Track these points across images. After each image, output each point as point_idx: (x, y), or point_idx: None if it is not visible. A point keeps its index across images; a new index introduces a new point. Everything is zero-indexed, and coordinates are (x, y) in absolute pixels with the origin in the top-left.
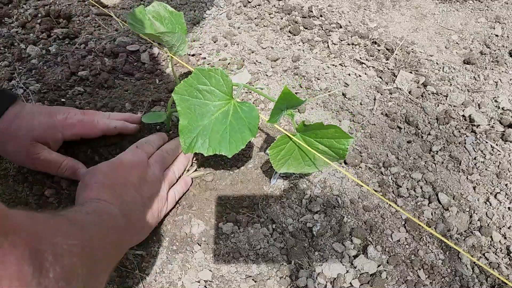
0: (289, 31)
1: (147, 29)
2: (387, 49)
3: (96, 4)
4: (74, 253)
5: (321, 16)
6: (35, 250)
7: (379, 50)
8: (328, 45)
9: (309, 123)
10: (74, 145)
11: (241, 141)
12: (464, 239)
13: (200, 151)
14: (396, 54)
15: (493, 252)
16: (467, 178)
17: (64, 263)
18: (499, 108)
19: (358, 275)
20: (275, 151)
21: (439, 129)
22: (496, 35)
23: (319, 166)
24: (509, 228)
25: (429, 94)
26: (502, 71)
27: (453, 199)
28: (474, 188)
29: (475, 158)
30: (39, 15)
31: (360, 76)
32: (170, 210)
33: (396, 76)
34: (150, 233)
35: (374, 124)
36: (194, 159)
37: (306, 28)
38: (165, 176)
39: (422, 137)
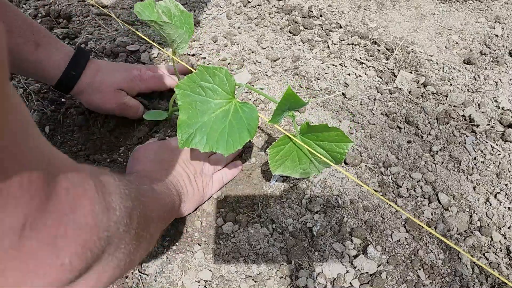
0: (289, 31)
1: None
2: (387, 49)
3: (96, 4)
4: (132, 198)
5: (321, 16)
6: (102, 192)
7: (379, 50)
8: (328, 45)
9: (313, 124)
10: None
11: (238, 141)
12: (464, 239)
13: (197, 147)
14: (396, 54)
15: (493, 252)
16: (467, 178)
17: (126, 204)
18: (499, 108)
19: (358, 275)
20: (275, 151)
21: (439, 129)
22: (496, 35)
23: (313, 172)
24: (509, 228)
25: (429, 94)
26: (502, 71)
27: (453, 199)
28: (474, 188)
29: (475, 158)
30: (39, 15)
31: (360, 76)
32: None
33: (396, 76)
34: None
35: (374, 124)
36: None
37: (306, 28)
38: (211, 161)
39: (422, 137)
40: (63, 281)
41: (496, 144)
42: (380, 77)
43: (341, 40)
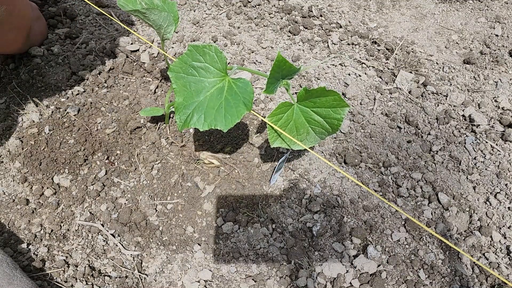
0: (289, 31)
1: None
2: (387, 49)
3: (96, 4)
4: None
5: (321, 16)
6: None
7: (379, 50)
8: (328, 45)
9: (311, 89)
10: None
11: (236, 115)
12: (464, 239)
13: (196, 126)
14: (396, 54)
15: (493, 252)
16: (467, 178)
17: None
18: (499, 108)
19: (358, 275)
20: (274, 120)
21: (439, 129)
22: (496, 35)
23: (309, 142)
24: (509, 228)
25: (429, 94)
26: (502, 71)
27: (453, 199)
28: (474, 188)
29: (475, 158)
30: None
31: (360, 76)
32: None
33: (396, 76)
34: (150, 230)
35: (374, 124)
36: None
37: (306, 28)
38: None
39: (422, 137)
40: None
41: (496, 144)
42: (380, 77)
43: (341, 40)
